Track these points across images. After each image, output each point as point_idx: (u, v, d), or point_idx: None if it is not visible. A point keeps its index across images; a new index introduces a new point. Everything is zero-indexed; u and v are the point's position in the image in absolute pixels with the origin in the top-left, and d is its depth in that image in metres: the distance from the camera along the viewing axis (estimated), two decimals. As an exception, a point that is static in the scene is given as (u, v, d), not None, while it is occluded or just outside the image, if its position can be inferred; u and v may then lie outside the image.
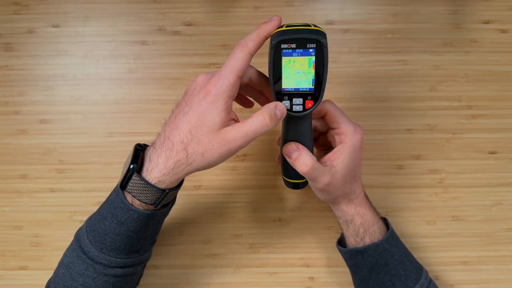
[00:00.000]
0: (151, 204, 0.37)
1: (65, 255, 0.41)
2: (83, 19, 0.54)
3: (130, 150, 0.38)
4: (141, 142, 0.39)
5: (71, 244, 0.41)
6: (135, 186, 0.36)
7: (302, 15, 0.54)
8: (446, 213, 0.54)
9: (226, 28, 0.54)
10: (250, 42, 0.36)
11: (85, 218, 0.41)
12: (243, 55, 0.36)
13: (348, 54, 0.54)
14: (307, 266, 0.54)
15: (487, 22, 0.54)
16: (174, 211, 0.54)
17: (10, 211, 0.54)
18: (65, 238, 0.39)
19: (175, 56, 0.55)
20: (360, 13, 0.54)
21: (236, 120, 0.39)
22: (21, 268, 0.54)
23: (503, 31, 0.54)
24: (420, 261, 0.46)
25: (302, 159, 0.39)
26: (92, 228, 0.39)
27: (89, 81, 0.55)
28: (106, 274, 0.38)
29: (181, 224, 0.54)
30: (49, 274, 0.42)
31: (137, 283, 0.46)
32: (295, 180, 0.44)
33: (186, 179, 0.39)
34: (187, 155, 0.36)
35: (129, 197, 0.37)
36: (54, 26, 0.54)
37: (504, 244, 0.54)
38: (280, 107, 0.37)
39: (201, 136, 0.35)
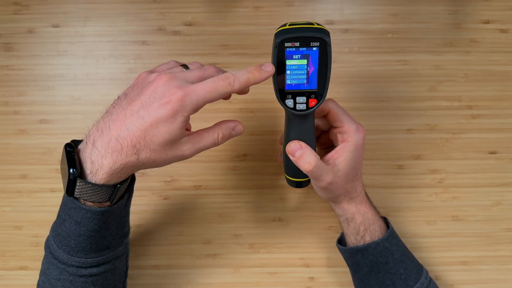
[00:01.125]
0: (105, 202, 0.36)
1: (42, 263, 0.40)
2: (83, 19, 0.54)
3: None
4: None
5: (44, 254, 0.40)
6: (82, 190, 0.34)
7: (302, 15, 0.54)
8: (446, 213, 0.54)
9: (226, 28, 0.54)
10: (238, 84, 0.35)
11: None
12: (224, 91, 0.34)
13: (348, 54, 0.54)
14: (307, 266, 0.54)
15: (487, 22, 0.54)
16: (174, 211, 0.54)
17: (10, 211, 0.54)
18: (65, 238, 0.39)
19: (175, 56, 0.54)
20: (360, 13, 0.54)
21: (188, 129, 0.39)
22: (21, 268, 0.54)
23: (503, 31, 0.54)
24: (420, 261, 0.46)
25: (305, 157, 0.39)
26: (56, 232, 0.37)
27: (89, 81, 0.55)
28: (81, 275, 0.38)
29: (181, 224, 0.54)
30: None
31: (125, 275, 0.45)
32: (297, 178, 0.44)
33: (186, 179, 0.39)
34: (137, 159, 0.34)
35: (81, 199, 0.35)
36: (54, 26, 0.54)
37: (504, 244, 0.54)
38: (238, 129, 0.38)
39: (156, 146, 0.34)
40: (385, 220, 0.46)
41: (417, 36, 0.54)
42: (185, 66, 0.39)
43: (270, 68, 0.36)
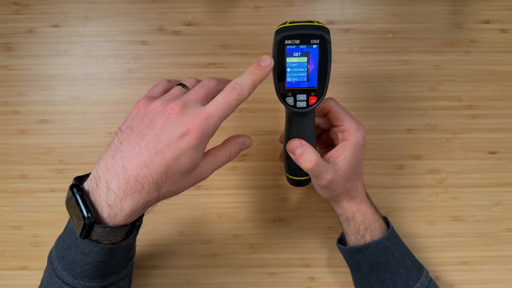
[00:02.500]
0: (121, 240, 0.35)
1: (44, 275, 0.39)
2: (83, 19, 0.54)
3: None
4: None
5: (47, 266, 0.38)
6: (100, 234, 0.33)
7: (302, 15, 0.54)
8: (446, 213, 0.54)
9: (226, 28, 0.54)
10: (246, 91, 0.34)
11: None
12: (237, 103, 0.34)
13: (348, 54, 0.54)
14: (307, 266, 0.54)
15: (487, 22, 0.54)
16: (174, 211, 0.54)
17: (10, 211, 0.54)
18: (65, 238, 0.38)
19: (175, 56, 0.54)
20: (360, 13, 0.54)
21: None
22: (21, 268, 0.54)
23: (503, 31, 0.54)
24: (421, 261, 0.46)
25: (306, 155, 0.39)
26: (61, 255, 0.36)
27: (89, 81, 0.55)
28: None
29: (180, 224, 0.54)
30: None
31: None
32: (298, 177, 0.44)
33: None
34: (158, 195, 0.33)
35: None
36: (54, 26, 0.54)
37: (504, 244, 0.54)
38: (247, 143, 0.38)
39: (177, 177, 0.33)
40: (386, 220, 0.46)
41: (417, 36, 0.54)
42: (182, 85, 0.37)
43: (269, 61, 0.35)
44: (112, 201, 0.32)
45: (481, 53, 0.54)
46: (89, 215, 0.31)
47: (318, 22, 0.37)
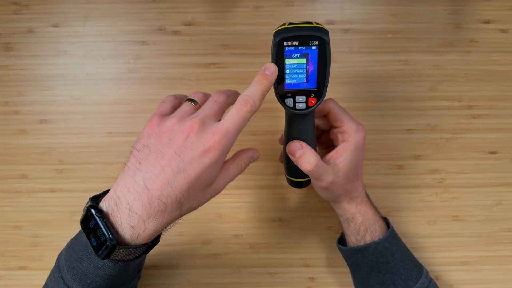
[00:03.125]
0: (137, 257, 0.35)
1: (49, 279, 0.38)
2: (83, 19, 0.54)
3: (128, 151, 0.34)
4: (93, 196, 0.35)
5: (54, 270, 0.38)
6: (120, 254, 0.32)
7: (302, 15, 0.54)
8: (446, 213, 0.54)
9: (226, 28, 0.54)
10: (258, 102, 0.34)
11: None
12: (250, 115, 0.34)
13: (348, 54, 0.54)
14: (307, 266, 0.54)
15: (487, 22, 0.54)
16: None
17: (10, 211, 0.54)
18: (65, 238, 0.38)
19: (175, 56, 0.54)
20: (360, 13, 0.54)
21: None
22: (21, 268, 0.54)
23: (503, 31, 0.54)
24: (421, 261, 0.46)
25: (306, 157, 0.39)
26: (71, 265, 0.35)
27: (89, 81, 0.55)
28: None
29: (180, 224, 0.54)
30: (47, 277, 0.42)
31: None
32: (298, 178, 0.44)
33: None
34: (180, 212, 0.33)
35: None
36: (54, 26, 0.54)
37: (504, 244, 0.54)
38: (255, 157, 0.39)
39: (198, 193, 0.33)
40: (386, 220, 0.46)
41: (417, 36, 0.54)
42: (191, 100, 0.37)
43: (274, 69, 0.36)
44: (135, 222, 0.31)
45: (481, 53, 0.54)
46: (112, 237, 0.31)
47: (317, 23, 0.37)
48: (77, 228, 0.42)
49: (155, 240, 0.35)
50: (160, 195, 0.31)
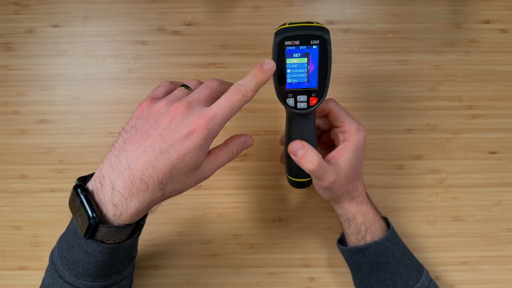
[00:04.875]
0: (125, 239, 0.35)
1: (45, 275, 0.39)
2: (83, 19, 0.54)
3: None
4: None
5: (48, 265, 0.38)
6: (104, 234, 0.33)
7: (302, 15, 0.54)
8: (446, 213, 0.54)
9: (226, 28, 0.54)
10: (250, 92, 0.34)
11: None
12: (241, 104, 0.34)
13: (348, 54, 0.54)
14: (307, 266, 0.54)
15: (487, 22, 0.54)
16: (174, 211, 0.54)
17: (10, 211, 0.54)
18: (65, 238, 0.38)
19: (175, 56, 0.54)
20: (360, 13, 0.54)
21: None
22: (21, 268, 0.54)
23: (503, 31, 0.54)
24: (421, 261, 0.46)
25: (308, 156, 0.39)
26: (63, 255, 0.36)
27: (89, 81, 0.55)
28: None
29: (180, 224, 0.54)
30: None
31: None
32: (299, 179, 0.44)
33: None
34: (163, 194, 0.33)
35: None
36: (54, 26, 0.54)
37: (504, 244, 0.54)
38: (248, 142, 0.39)
39: (181, 176, 0.33)
40: (386, 220, 0.46)
41: (417, 36, 0.54)
42: (185, 86, 0.37)
43: (272, 65, 0.36)
44: (117, 200, 0.32)
45: (481, 53, 0.54)
46: (94, 215, 0.31)
47: (317, 23, 0.37)
48: (77, 228, 0.42)
49: (139, 222, 0.34)
50: (142, 175, 0.31)
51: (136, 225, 0.34)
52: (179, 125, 0.32)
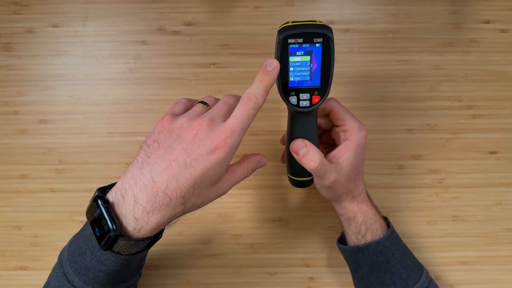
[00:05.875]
0: (139, 251, 0.35)
1: (51, 276, 0.38)
2: (83, 19, 0.54)
3: (128, 150, 0.35)
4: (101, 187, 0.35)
5: (56, 266, 0.38)
6: (123, 246, 0.33)
7: (302, 15, 0.54)
8: (446, 213, 0.54)
9: (226, 28, 0.54)
10: (261, 98, 0.35)
11: (85, 218, 0.41)
12: (254, 112, 0.34)
13: (348, 54, 0.54)
14: (307, 266, 0.54)
15: (487, 22, 0.54)
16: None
17: (10, 211, 0.54)
18: (65, 238, 0.38)
19: (175, 56, 0.54)
20: (360, 13, 0.54)
21: None
22: (21, 268, 0.54)
23: (503, 31, 0.54)
24: (421, 261, 0.46)
25: (310, 155, 0.39)
26: (73, 260, 0.36)
27: (89, 81, 0.55)
28: None
29: (180, 224, 0.54)
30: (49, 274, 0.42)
31: None
32: (300, 178, 0.44)
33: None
34: (184, 208, 0.34)
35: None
36: (54, 26, 0.54)
37: (504, 244, 0.54)
38: (262, 162, 0.39)
39: (202, 190, 0.34)
40: (386, 220, 0.46)
41: (417, 36, 0.54)
42: (202, 103, 0.38)
43: (275, 64, 0.36)
44: (139, 214, 0.32)
45: (481, 53, 0.54)
46: (115, 228, 0.31)
47: (320, 21, 0.37)
48: (77, 228, 0.42)
49: (157, 235, 0.35)
50: (165, 188, 0.32)
51: (154, 238, 0.35)
52: (202, 140, 0.33)
